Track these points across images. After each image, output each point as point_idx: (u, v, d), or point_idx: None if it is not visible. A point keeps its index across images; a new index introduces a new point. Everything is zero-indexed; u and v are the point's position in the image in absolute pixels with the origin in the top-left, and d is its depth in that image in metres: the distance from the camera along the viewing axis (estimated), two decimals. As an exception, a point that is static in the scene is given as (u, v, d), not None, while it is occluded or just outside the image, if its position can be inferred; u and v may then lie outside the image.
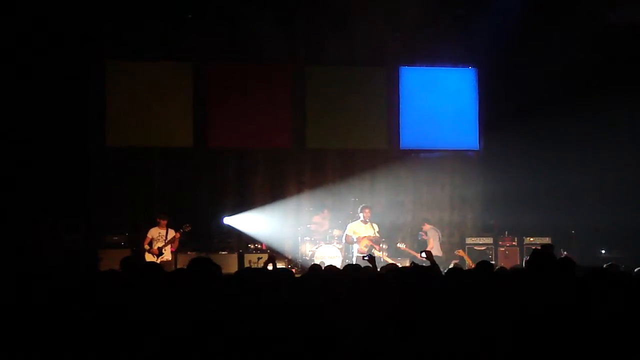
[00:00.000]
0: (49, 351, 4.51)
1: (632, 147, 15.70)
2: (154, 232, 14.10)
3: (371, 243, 13.80)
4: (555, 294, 5.16)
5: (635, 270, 7.91)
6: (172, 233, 14.07)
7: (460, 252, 14.18)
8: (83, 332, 4.56)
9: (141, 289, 5.11)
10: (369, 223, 14.00)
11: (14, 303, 4.90)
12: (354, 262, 11.62)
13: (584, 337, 4.70)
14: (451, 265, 10.64)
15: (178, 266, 14.05)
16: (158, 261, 13.65)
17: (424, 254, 8.84)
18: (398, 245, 14.60)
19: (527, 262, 6.02)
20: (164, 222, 14.13)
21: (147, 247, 13.98)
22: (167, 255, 14.00)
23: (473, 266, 10.77)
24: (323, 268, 7.45)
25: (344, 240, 14.35)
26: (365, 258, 8.68)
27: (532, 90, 16.26)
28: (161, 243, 13.99)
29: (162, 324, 4.56)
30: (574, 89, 15.97)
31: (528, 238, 15.97)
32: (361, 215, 14.12)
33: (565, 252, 14.58)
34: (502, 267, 9.85)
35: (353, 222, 14.22)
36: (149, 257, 13.76)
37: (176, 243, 14.17)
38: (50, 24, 14.82)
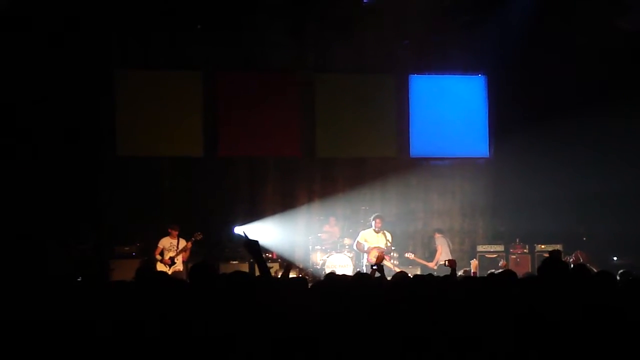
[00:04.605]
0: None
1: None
2: (166, 242, 14.16)
3: (381, 254, 13.79)
4: (569, 300, 5.15)
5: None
6: (183, 242, 14.13)
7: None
8: (98, 345, 4.56)
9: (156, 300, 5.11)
10: (381, 232, 14.02)
11: (26, 315, 4.89)
12: (365, 271, 11.62)
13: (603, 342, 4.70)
14: (461, 272, 10.61)
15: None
16: (170, 271, 13.72)
17: (447, 263, 8.90)
18: (406, 255, 14.55)
19: (539, 269, 6.00)
20: (175, 232, 14.21)
21: (158, 257, 14.04)
22: (179, 265, 14.06)
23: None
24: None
25: (355, 247, 14.33)
26: (374, 267, 8.67)
27: (542, 96, 16.26)
28: (173, 253, 14.05)
29: (179, 336, 4.56)
30: (584, 95, 15.91)
31: (539, 245, 15.89)
32: (373, 224, 14.14)
33: (573, 257, 14.51)
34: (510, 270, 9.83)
35: (365, 230, 14.24)
36: (160, 267, 13.81)
37: (188, 252, 14.21)
38: (60, 34, 14.87)
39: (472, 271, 10.66)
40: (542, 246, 15.83)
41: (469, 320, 5.05)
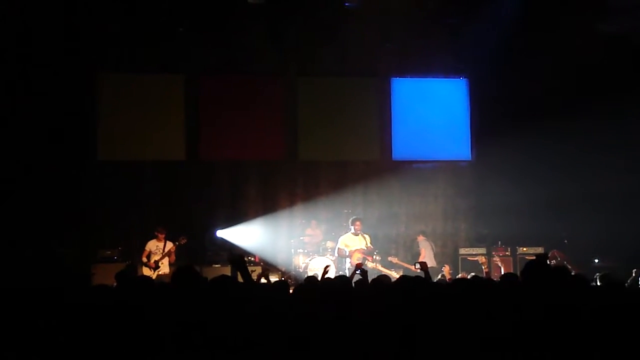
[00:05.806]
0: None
1: (625, 155, 15.69)
2: (152, 245, 14.04)
3: (363, 255, 13.78)
4: (548, 301, 5.16)
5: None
6: (169, 245, 14.01)
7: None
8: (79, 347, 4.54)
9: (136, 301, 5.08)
10: (360, 235, 14.03)
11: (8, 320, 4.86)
12: (348, 275, 11.59)
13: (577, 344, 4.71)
14: (439, 277, 10.64)
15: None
16: (155, 275, 13.61)
17: (418, 265, 8.84)
18: (389, 258, 14.54)
19: (521, 272, 6.02)
20: (162, 235, 14.09)
21: (145, 259, 13.93)
22: (165, 268, 13.91)
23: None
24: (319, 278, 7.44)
25: (336, 254, 14.30)
26: (358, 272, 8.64)
27: (524, 100, 16.30)
28: (158, 256, 13.93)
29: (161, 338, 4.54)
30: (565, 99, 15.99)
31: (521, 248, 15.97)
32: (352, 227, 14.12)
33: (550, 255, 14.52)
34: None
35: (344, 235, 14.22)
36: (146, 271, 13.71)
37: (173, 256, 14.08)
38: (41, 37, 14.80)
39: (446, 277, 10.66)
40: (524, 249, 15.90)
41: (457, 322, 5.05)
